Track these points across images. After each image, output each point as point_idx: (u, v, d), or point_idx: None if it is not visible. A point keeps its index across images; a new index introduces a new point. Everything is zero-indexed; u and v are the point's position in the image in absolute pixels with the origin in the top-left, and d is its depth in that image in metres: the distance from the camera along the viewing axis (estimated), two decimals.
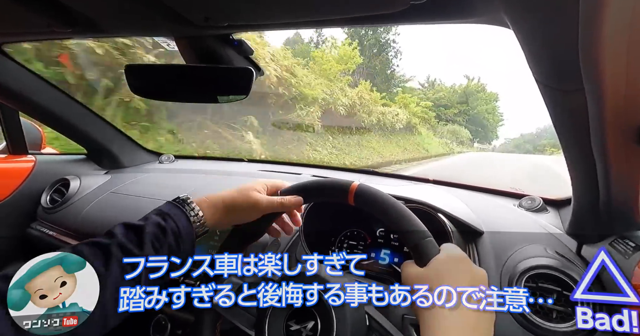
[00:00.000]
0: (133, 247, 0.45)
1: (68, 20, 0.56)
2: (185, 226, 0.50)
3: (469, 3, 0.43)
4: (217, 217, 0.56)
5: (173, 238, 0.48)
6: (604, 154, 0.50)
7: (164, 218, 0.49)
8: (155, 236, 0.47)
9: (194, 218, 0.52)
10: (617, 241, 0.64)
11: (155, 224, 0.48)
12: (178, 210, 0.52)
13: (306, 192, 0.57)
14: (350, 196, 0.51)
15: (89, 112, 1.30)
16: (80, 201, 1.24)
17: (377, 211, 0.50)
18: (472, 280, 0.42)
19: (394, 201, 0.49)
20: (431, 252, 0.45)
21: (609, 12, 0.28)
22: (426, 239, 0.46)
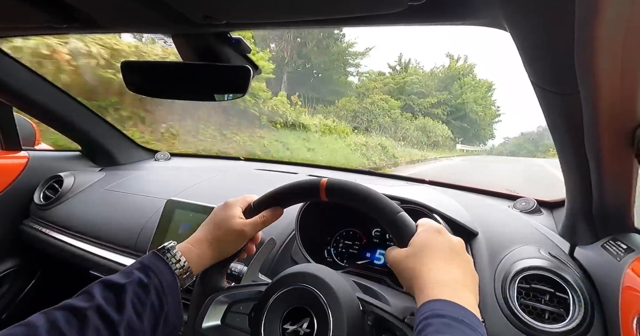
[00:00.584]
0: (112, 311, 0.42)
1: (66, 16, 0.56)
2: (169, 282, 0.48)
3: (466, 5, 0.43)
4: (204, 260, 0.54)
5: (156, 297, 0.46)
6: (598, 156, 0.50)
7: (146, 274, 0.47)
8: (137, 296, 0.44)
9: (179, 270, 0.50)
10: (609, 243, 0.65)
11: (136, 283, 0.45)
12: (162, 263, 0.49)
13: (280, 198, 0.57)
14: (322, 192, 0.52)
15: (83, 109, 1.29)
16: (74, 198, 1.23)
17: (349, 199, 0.51)
18: (451, 248, 0.45)
19: (363, 187, 0.51)
20: (408, 227, 0.47)
21: (604, 16, 0.29)
22: (399, 214, 0.48)
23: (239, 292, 0.56)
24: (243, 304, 0.55)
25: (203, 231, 0.56)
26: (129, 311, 0.43)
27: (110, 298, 0.43)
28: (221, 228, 0.55)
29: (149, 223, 1.01)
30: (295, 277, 0.51)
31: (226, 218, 0.56)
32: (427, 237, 0.46)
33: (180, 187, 1.17)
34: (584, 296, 0.62)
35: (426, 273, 0.42)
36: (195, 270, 0.53)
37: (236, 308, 0.55)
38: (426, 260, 0.43)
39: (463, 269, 0.44)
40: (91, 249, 1.05)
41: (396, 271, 0.47)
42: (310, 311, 0.48)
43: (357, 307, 0.48)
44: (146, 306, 0.44)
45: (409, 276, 0.44)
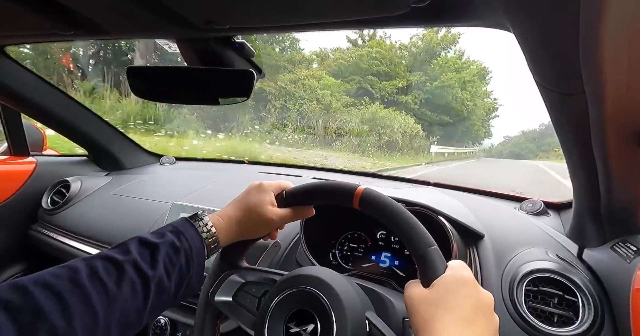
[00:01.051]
0: (146, 266, 0.44)
1: (71, 23, 0.57)
2: (197, 247, 0.50)
3: (469, 6, 0.43)
4: (230, 236, 0.56)
5: (185, 260, 0.48)
6: (605, 157, 0.50)
7: (179, 237, 0.49)
8: (168, 256, 0.47)
9: (207, 237, 0.52)
10: (618, 245, 0.64)
11: (169, 244, 0.48)
12: (193, 230, 0.51)
13: (312, 194, 0.57)
14: (356, 200, 0.51)
15: (90, 114, 1.31)
16: (81, 203, 1.24)
17: (383, 217, 0.49)
18: (477, 305, 0.40)
19: (400, 208, 0.48)
20: (437, 267, 0.43)
21: (610, 15, 0.29)
22: (431, 248, 0.44)
23: (255, 274, 0.57)
24: (255, 287, 0.56)
25: (234, 209, 0.57)
26: (161, 268, 0.45)
27: (145, 254, 0.46)
28: (252, 211, 0.56)
29: (154, 227, 1.01)
30: (298, 279, 0.51)
31: (259, 202, 0.57)
32: (452, 284, 0.41)
33: (185, 191, 1.18)
34: (594, 299, 0.61)
35: (435, 330, 0.37)
36: (222, 242, 0.54)
37: (248, 288, 0.56)
38: (443, 314, 0.38)
39: (483, 333, 0.39)
40: None
41: (409, 310, 0.42)
42: (314, 314, 0.47)
43: (360, 308, 0.48)
44: (175, 267, 0.47)
45: (418, 324, 0.40)
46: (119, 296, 0.41)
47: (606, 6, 0.28)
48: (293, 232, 0.88)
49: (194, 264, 0.49)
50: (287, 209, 0.58)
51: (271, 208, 0.56)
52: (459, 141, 22.91)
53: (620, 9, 0.28)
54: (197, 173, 1.43)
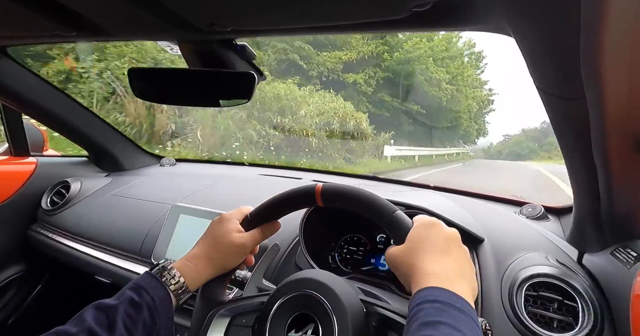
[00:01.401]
0: (102, 331, 0.43)
1: (73, 24, 0.57)
2: (162, 299, 0.49)
3: (470, 11, 0.43)
4: (202, 276, 0.54)
5: (148, 314, 0.47)
6: (605, 162, 0.50)
7: (138, 293, 0.48)
8: (127, 315, 0.45)
9: (174, 286, 0.51)
10: (618, 251, 0.64)
11: (128, 302, 0.46)
12: (155, 281, 0.50)
13: (276, 207, 0.57)
14: (318, 198, 0.52)
15: (91, 115, 1.31)
16: (81, 204, 1.24)
17: (345, 203, 0.51)
18: (447, 239, 0.46)
19: (358, 189, 0.51)
20: (404, 225, 0.47)
21: (610, 20, 0.29)
22: (395, 212, 0.48)
23: (241, 305, 0.55)
24: (246, 317, 0.54)
25: (200, 247, 0.56)
26: (120, 329, 0.44)
27: (102, 319, 0.44)
28: (219, 243, 0.55)
29: (153, 229, 1.01)
30: (298, 283, 0.50)
31: (224, 233, 0.56)
32: (421, 231, 0.46)
33: (185, 192, 1.18)
34: (594, 305, 0.61)
35: (421, 266, 0.43)
36: (192, 286, 0.53)
37: (238, 321, 0.54)
38: (421, 253, 0.44)
39: (458, 260, 0.45)
40: (96, 254, 1.06)
41: (394, 269, 0.47)
42: (315, 317, 0.47)
43: (361, 310, 0.48)
44: (138, 324, 0.46)
45: (406, 271, 0.44)
46: None
47: (607, 11, 0.28)
48: (292, 235, 0.88)
49: (159, 317, 0.48)
50: (254, 230, 0.57)
51: (238, 234, 0.56)
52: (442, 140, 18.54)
53: (620, 14, 0.28)
54: (197, 175, 1.43)
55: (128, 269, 0.98)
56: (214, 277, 0.56)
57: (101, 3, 0.49)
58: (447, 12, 0.45)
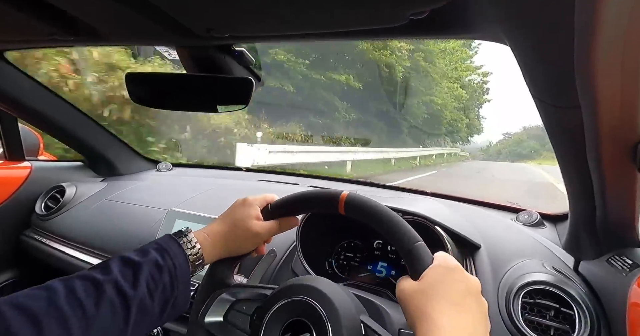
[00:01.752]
0: (127, 286, 0.43)
1: (71, 29, 0.57)
2: (182, 266, 0.49)
3: (466, 19, 0.44)
4: (216, 252, 0.55)
5: (169, 279, 0.47)
6: (600, 170, 0.50)
7: (162, 255, 0.48)
8: (151, 275, 0.45)
9: (192, 255, 0.51)
10: (614, 258, 0.64)
11: (153, 263, 0.47)
12: (177, 247, 0.50)
13: (297, 204, 0.57)
14: (341, 206, 0.51)
15: (87, 119, 1.30)
16: (76, 209, 1.22)
17: (368, 219, 0.50)
18: (466, 290, 0.42)
19: (384, 208, 0.49)
20: (424, 260, 0.44)
21: (603, 30, 0.29)
22: (417, 244, 0.46)
23: (244, 291, 0.56)
24: (247, 304, 0.54)
25: (220, 225, 0.57)
26: (143, 288, 0.44)
27: (127, 273, 0.44)
28: (238, 226, 0.56)
29: (149, 234, 1.00)
30: (294, 289, 0.50)
31: (245, 217, 0.56)
32: (440, 273, 0.42)
33: (181, 197, 1.17)
34: (590, 312, 0.61)
35: (430, 314, 0.39)
36: (207, 259, 0.53)
37: (239, 307, 0.54)
38: (434, 300, 0.40)
39: (472, 317, 0.40)
40: (91, 260, 1.04)
41: (402, 304, 0.43)
42: (310, 324, 0.47)
43: (356, 318, 0.47)
44: (158, 287, 0.46)
45: (413, 313, 0.41)
46: (98, 317, 0.40)
47: (599, 22, 0.28)
48: (289, 240, 0.87)
49: (179, 283, 0.48)
50: (272, 221, 0.58)
51: (257, 222, 0.56)
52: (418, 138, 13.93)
53: (613, 25, 0.28)
54: (193, 180, 1.42)
55: None
56: (224, 258, 0.57)
57: (99, 8, 0.49)
58: (443, 21, 0.45)
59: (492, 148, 30.80)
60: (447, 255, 0.46)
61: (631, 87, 0.36)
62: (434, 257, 0.45)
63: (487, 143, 27.15)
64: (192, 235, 0.53)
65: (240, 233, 0.56)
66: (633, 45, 0.31)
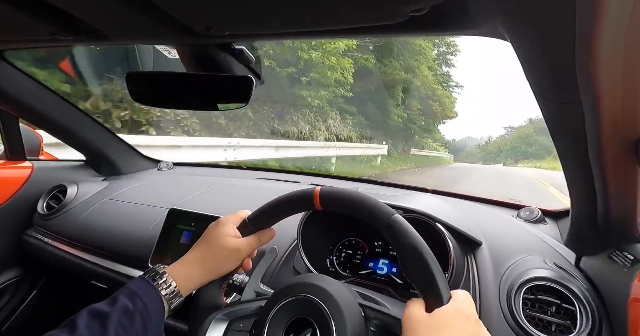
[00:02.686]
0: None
1: (71, 28, 0.57)
2: (155, 307, 0.48)
3: (467, 15, 0.44)
4: (195, 281, 0.54)
5: (141, 324, 0.46)
6: (601, 166, 0.50)
7: (133, 300, 0.47)
8: (121, 325, 0.45)
9: (166, 290, 0.50)
10: (615, 254, 0.64)
11: (122, 311, 0.46)
12: (148, 286, 0.50)
13: (274, 210, 0.57)
14: (316, 201, 0.52)
15: (88, 119, 1.31)
16: (77, 208, 1.23)
17: (343, 207, 0.50)
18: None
19: (356, 192, 0.50)
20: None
21: (604, 25, 0.29)
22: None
23: (238, 309, 0.55)
24: (243, 321, 0.54)
25: (195, 251, 0.56)
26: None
27: (94, 328, 0.44)
28: (215, 247, 0.55)
29: (150, 233, 1.01)
30: (297, 287, 0.50)
31: (221, 236, 0.55)
32: (453, 317, 0.41)
33: (182, 196, 1.17)
34: (591, 308, 0.61)
35: None
36: (184, 291, 0.53)
37: (236, 325, 0.54)
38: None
39: None
40: (92, 259, 1.05)
41: (405, 328, 0.43)
42: (313, 321, 0.47)
43: (359, 315, 0.48)
44: (130, 334, 0.45)
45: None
46: None
47: (600, 17, 0.28)
48: (290, 238, 0.87)
49: (151, 323, 0.47)
50: (251, 236, 0.57)
51: (234, 239, 0.55)
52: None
53: (614, 20, 0.28)
54: (194, 179, 1.42)
55: (125, 273, 0.97)
56: (209, 281, 0.56)
57: (100, 8, 0.49)
58: (443, 17, 0.45)
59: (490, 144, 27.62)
60: (467, 297, 0.45)
61: (633, 83, 0.35)
62: (452, 296, 0.44)
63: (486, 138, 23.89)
64: (165, 273, 0.52)
65: (218, 253, 0.55)
66: (634, 41, 0.31)
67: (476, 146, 22.22)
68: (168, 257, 0.89)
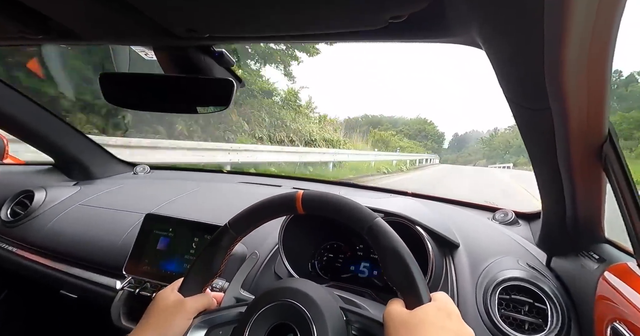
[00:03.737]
0: None
1: (40, 27, 0.54)
2: None
3: (444, 24, 0.45)
4: None
5: None
6: (569, 170, 0.53)
7: None
8: None
9: None
10: (582, 254, 0.67)
11: None
12: None
13: (254, 216, 0.56)
14: (299, 205, 0.52)
15: (57, 121, 1.25)
16: (46, 214, 1.17)
17: (326, 210, 0.51)
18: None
19: (339, 197, 0.51)
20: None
21: (570, 40, 0.31)
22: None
23: (218, 316, 0.53)
24: (223, 328, 0.52)
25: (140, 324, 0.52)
26: None
27: None
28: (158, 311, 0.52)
29: (126, 239, 0.97)
30: (278, 292, 0.50)
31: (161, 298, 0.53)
32: (435, 315, 0.41)
33: (160, 201, 1.14)
34: (561, 307, 0.63)
35: None
36: None
37: (215, 333, 0.52)
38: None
39: None
40: (62, 268, 1.00)
41: (386, 327, 0.43)
42: (294, 327, 0.46)
43: (341, 319, 0.48)
44: None
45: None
46: None
47: (566, 30, 0.30)
48: (271, 243, 0.86)
49: None
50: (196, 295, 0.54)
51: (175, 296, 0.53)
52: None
53: (579, 33, 0.30)
54: (173, 183, 1.39)
55: (97, 282, 0.93)
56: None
57: (72, 7, 0.47)
58: (422, 25, 0.46)
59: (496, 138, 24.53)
60: (447, 298, 0.45)
61: (597, 91, 0.38)
62: (433, 297, 0.44)
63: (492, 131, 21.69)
64: None
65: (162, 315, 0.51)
66: (598, 53, 0.33)
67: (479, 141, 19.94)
68: (144, 264, 0.86)
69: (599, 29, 0.30)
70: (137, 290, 0.84)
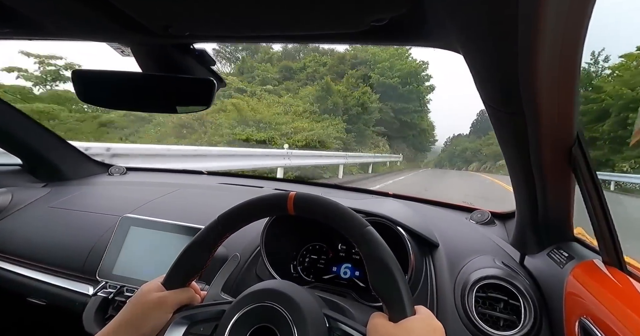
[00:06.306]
0: None
1: (6, 21, 0.52)
2: None
3: (424, 29, 0.46)
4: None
5: None
6: (540, 172, 0.55)
7: None
8: None
9: None
10: (553, 252, 0.70)
11: None
12: None
13: (244, 214, 0.55)
14: (290, 206, 0.52)
15: (24, 118, 1.18)
16: (12, 218, 1.10)
17: (318, 214, 0.51)
18: None
19: (332, 201, 0.51)
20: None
21: (541, 49, 0.32)
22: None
23: (199, 312, 0.52)
24: (204, 325, 0.51)
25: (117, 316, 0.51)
26: None
27: None
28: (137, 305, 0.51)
29: (100, 242, 0.93)
30: (259, 294, 0.49)
31: (141, 294, 0.52)
32: (421, 328, 0.42)
33: (136, 203, 1.10)
34: (534, 303, 0.66)
35: None
36: None
37: (196, 329, 0.51)
38: None
39: None
40: (30, 274, 0.94)
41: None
42: (275, 329, 0.46)
43: (323, 324, 0.48)
44: None
45: None
46: None
47: (538, 40, 0.31)
48: (253, 244, 0.85)
49: None
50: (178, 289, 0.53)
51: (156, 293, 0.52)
52: None
53: (550, 42, 0.32)
54: (150, 184, 1.34)
55: (67, 288, 0.89)
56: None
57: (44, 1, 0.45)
58: (402, 29, 0.47)
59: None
60: (430, 312, 0.45)
61: (566, 98, 0.40)
62: (417, 310, 0.45)
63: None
64: None
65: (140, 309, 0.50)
66: (567, 62, 0.34)
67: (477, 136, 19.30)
68: (119, 268, 0.83)
69: (568, 39, 0.32)
70: (111, 295, 0.81)
